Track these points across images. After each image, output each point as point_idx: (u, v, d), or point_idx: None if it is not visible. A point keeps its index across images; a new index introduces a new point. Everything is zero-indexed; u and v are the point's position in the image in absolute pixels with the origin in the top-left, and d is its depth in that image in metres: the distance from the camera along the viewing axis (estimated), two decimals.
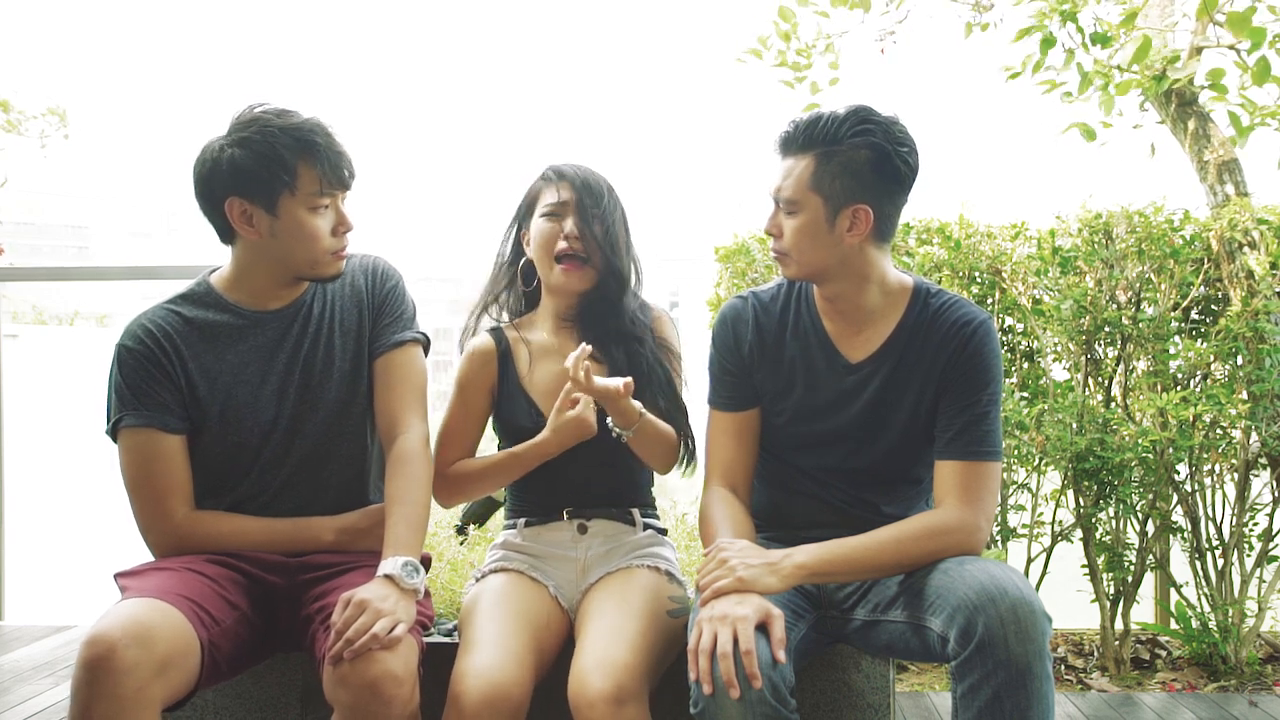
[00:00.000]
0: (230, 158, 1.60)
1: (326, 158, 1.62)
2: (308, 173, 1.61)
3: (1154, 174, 3.54)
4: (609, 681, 1.50)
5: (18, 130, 8.49)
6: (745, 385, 1.76)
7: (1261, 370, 2.72)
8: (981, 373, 1.63)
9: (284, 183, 1.60)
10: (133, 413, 1.66)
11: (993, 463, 1.61)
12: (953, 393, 1.64)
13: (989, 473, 1.61)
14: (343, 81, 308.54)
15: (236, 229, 1.65)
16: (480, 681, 1.51)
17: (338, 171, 1.64)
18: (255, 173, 1.59)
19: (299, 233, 1.64)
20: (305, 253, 1.66)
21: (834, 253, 1.63)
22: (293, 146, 1.60)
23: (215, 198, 1.63)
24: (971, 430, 1.62)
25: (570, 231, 1.82)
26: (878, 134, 1.58)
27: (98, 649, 1.35)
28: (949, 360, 1.64)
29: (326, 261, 1.68)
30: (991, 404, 1.63)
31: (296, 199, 1.62)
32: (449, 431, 1.89)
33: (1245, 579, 2.85)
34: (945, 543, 1.56)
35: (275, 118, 1.62)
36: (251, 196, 1.61)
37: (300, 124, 1.62)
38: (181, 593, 1.51)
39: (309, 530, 1.73)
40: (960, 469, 1.61)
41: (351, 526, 1.75)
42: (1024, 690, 1.37)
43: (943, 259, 2.87)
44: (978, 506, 1.59)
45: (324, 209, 1.65)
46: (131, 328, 1.70)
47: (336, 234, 1.68)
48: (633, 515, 1.89)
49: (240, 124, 1.62)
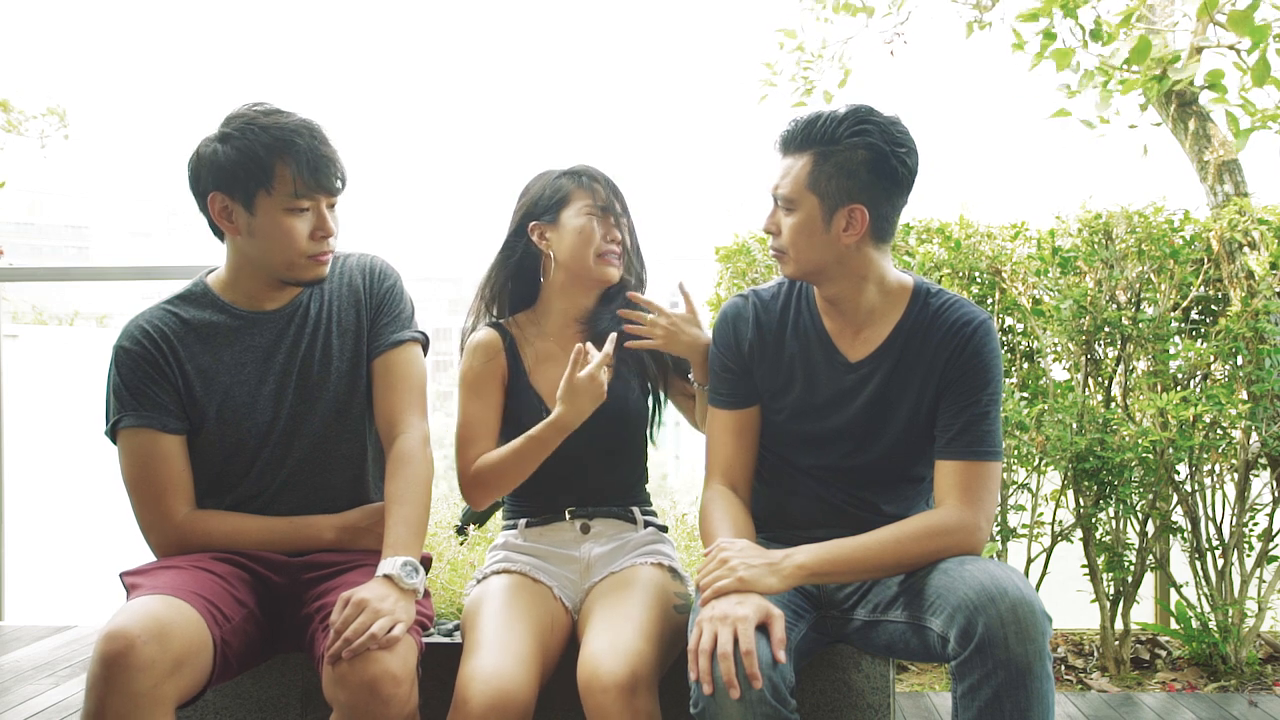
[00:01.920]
0: (213, 153, 1.61)
1: (306, 159, 1.60)
2: (284, 172, 1.60)
3: (1154, 174, 3.54)
4: (623, 667, 1.49)
5: (18, 130, 8.49)
6: (745, 383, 1.76)
7: (1261, 370, 2.72)
8: (981, 372, 1.63)
9: (260, 181, 1.59)
10: (131, 413, 1.66)
11: (993, 462, 1.61)
12: (953, 392, 1.64)
13: (989, 472, 1.61)
14: (344, 82, 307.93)
15: (219, 225, 1.66)
16: (486, 686, 1.50)
17: (317, 175, 1.61)
18: (234, 170, 1.59)
19: (274, 233, 1.63)
20: (280, 254, 1.65)
21: (830, 252, 1.63)
22: (271, 145, 1.59)
23: (201, 192, 1.64)
24: (972, 430, 1.61)
25: (611, 234, 1.88)
26: (875, 135, 1.58)
27: (116, 644, 1.35)
28: (948, 360, 1.64)
29: (303, 265, 1.66)
30: (991, 404, 1.63)
31: (273, 199, 1.61)
32: (468, 428, 1.85)
33: (1245, 579, 2.85)
34: (946, 542, 1.56)
35: (262, 116, 1.62)
36: (231, 193, 1.62)
37: (285, 124, 1.61)
38: (195, 590, 1.51)
39: (309, 529, 1.72)
40: (960, 469, 1.61)
41: (351, 525, 1.74)
42: (1024, 690, 1.37)
43: (943, 259, 2.87)
44: (978, 506, 1.59)
45: (302, 211, 1.63)
46: (129, 328, 1.70)
47: (314, 238, 1.65)
48: (634, 513, 1.89)
49: (228, 120, 1.63)
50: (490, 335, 1.91)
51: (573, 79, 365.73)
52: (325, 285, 1.77)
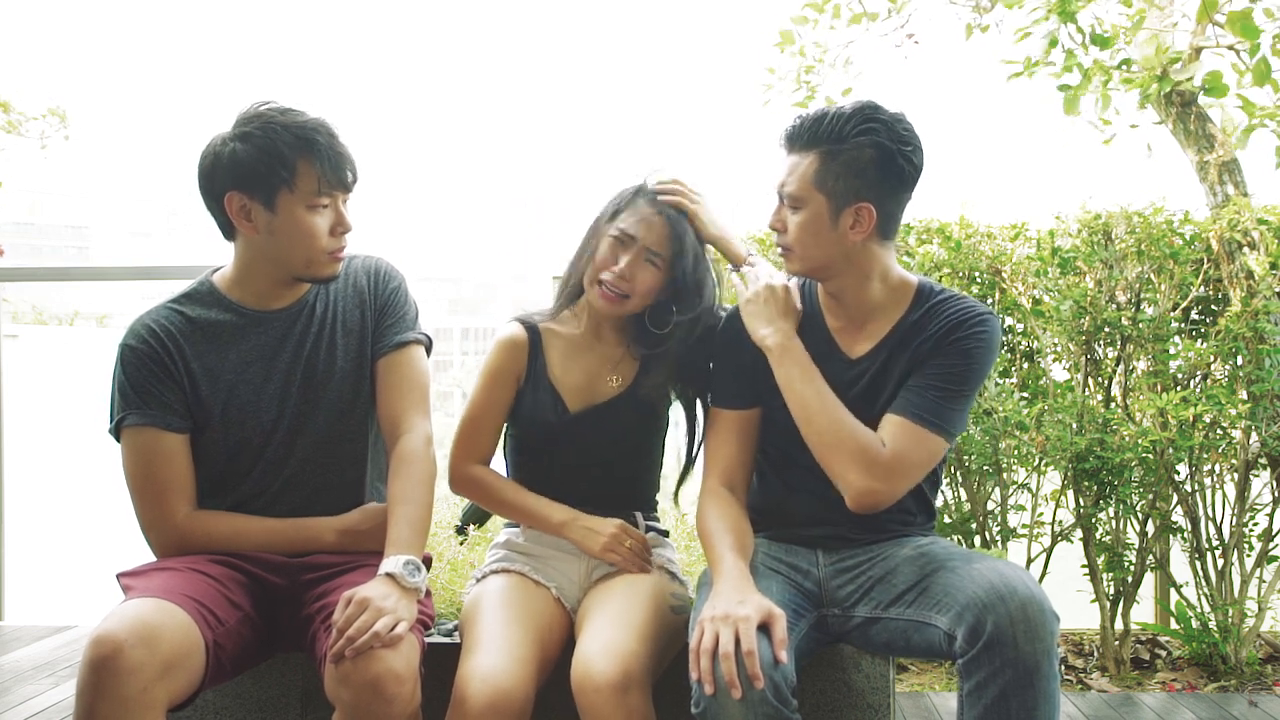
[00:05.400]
0: (232, 152, 1.60)
1: (327, 157, 1.62)
2: (307, 170, 1.61)
3: (1154, 174, 3.55)
4: (616, 667, 1.49)
5: (18, 131, 8.48)
6: (747, 384, 1.76)
7: (1261, 370, 2.72)
8: (963, 355, 1.61)
9: (283, 179, 1.59)
10: (136, 411, 1.66)
11: (934, 434, 1.58)
12: (930, 364, 1.62)
13: (929, 441, 1.58)
14: (344, 83, 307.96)
15: (235, 225, 1.65)
16: (485, 685, 1.50)
17: (338, 172, 1.64)
18: (255, 168, 1.59)
19: (296, 231, 1.63)
20: (302, 251, 1.66)
21: (837, 249, 1.63)
22: (293, 144, 1.60)
23: (216, 192, 1.63)
24: (927, 396, 1.59)
25: (622, 270, 1.76)
26: (883, 133, 1.58)
27: (103, 649, 1.35)
28: (936, 343, 1.63)
29: (323, 262, 1.68)
30: (961, 385, 1.60)
31: (295, 196, 1.61)
32: (472, 422, 1.86)
33: (1245, 579, 2.85)
34: (858, 469, 1.57)
35: (279, 115, 1.62)
36: (251, 191, 1.61)
37: (304, 122, 1.62)
38: (186, 593, 1.51)
39: (309, 530, 1.72)
40: (902, 426, 1.59)
41: (353, 528, 1.74)
42: (1032, 689, 1.37)
43: (943, 259, 2.87)
44: (898, 466, 1.57)
45: (323, 208, 1.64)
46: (134, 327, 1.70)
47: (334, 234, 1.67)
48: (635, 518, 1.89)
49: (244, 119, 1.63)
50: (515, 333, 1.88)
51: (575, 79, 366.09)
52: (330, 285, 1.77)
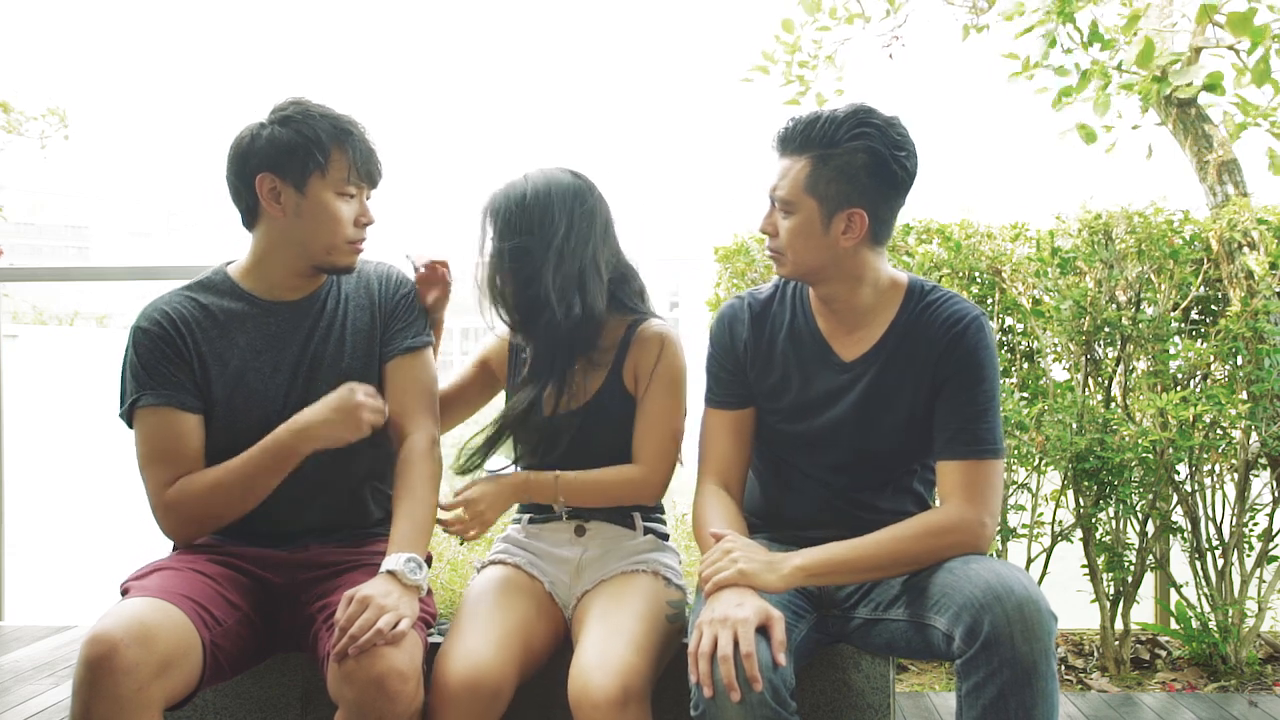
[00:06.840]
0: (270, 134, 1.66)
1: (360, 149, 1.69)
2: (340, 158, 1.67)
3: (1154, 174, 3.55)
4: (614, 682, 1.49)
5: (18, 131, 8.50)
6: (741, 384, 1.76)
7: (1261, 370, 2.72)
8: (975, 369, 1.62)
9: (317, 163, 1.65)
10: (150, 392, 1.67)
11: (994, 460, 1.60)
12: (948, 391, 1.63)
13: (990, 470, 1.60)
14: (345, 83, 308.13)
15: (264, 206, 1.68)
16: (462, 664, 1.54)
17: (368, 165, 1.71)
18: (292, 149, 1.65)
19: (323, 215, 1.68)
20: (327, 236, 1.69)
21: (828, 254, 1.63)
22: (331, 131, 1.67)
23: (247, 173, 1.67)
24: (970, 428, 1.61)
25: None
26: (876, 138, 1.57)
27: (99, 648, 1.36)
28: (940, 357, 1.63)
29: (344, 250, 1.72)
30: (988, 400, 1.62)
31: (326, 181, 1.67)
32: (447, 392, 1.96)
33: (1245, 579, 2.85)
34: (947, 541, 1.56)
35: (315, 106, 1.69)
36: (283, 173, 1.66)
37: (340, 115, 1.70)
38: (183, 593, 1.51)
39: (287, 435, 1.64)
40: (961, 468, 1.60)
41: (336, 404, 1.66)
42: (1029, 689, 1.37)
43: (942, 259, 2.87)
44: (980, 504, 1.58)
45: (349, 197, 1.70)
46: (147, 311, 1.73)
47: (358, 224, 1.72)
48: (633, 519, 1.87)
49: (282, 106, 1.70)
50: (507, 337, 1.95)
51: (576, 79, 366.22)
52: (343, 287, 1.80)
